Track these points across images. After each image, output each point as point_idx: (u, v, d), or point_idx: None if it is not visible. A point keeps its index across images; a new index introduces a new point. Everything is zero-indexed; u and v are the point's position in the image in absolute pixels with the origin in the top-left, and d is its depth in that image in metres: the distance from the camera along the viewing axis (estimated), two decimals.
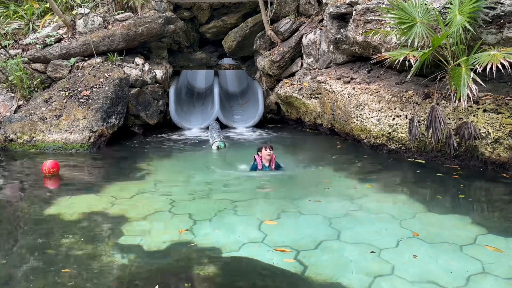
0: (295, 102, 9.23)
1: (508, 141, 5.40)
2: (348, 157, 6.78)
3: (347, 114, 7.45)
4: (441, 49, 5.66)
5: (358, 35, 7.32)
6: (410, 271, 3.15)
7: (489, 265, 3.22)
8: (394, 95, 6.65)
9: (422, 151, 6.30)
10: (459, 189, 5.03)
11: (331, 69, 8.72)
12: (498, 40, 5.53)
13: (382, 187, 5.21)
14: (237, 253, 3.46)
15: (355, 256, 3.40)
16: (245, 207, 4.54)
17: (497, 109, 5.49)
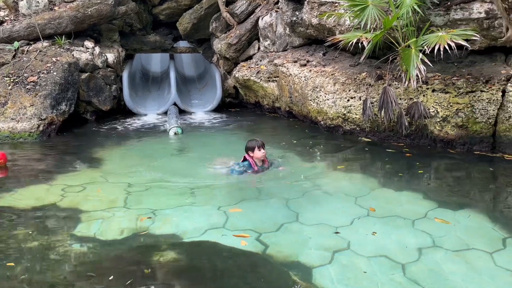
0: (253, 85, 9.21)
1: (455, 120, 5.67)
2: (306, 139, 6.88)
3: (304, 97, 7.53)
4: (393, 31, 5.81)
5: (313, 17, 7.37)
6: (366, 247, 3.26)
7: (439, 238, 3.40)
8: (349, 77, 6.78)
9: (376, 131, 6.50)
10: (411, 166, 5.26)
11: (288, 52, 8.74)
12: (446, 22, 5.75)
13: (338, 167, 5.34)
14: (198, 239, 3.45)
15: (314, 235, 3.48)
16: (205, 194, 4.52)
17: (445, 89, 5.75)
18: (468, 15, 5.56)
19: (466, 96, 5.58)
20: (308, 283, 2.81)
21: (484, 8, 5.47)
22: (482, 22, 5.52)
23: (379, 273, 2.91)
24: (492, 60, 5.92)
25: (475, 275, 2.88)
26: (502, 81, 5.47)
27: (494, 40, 5.66)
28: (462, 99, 5.59)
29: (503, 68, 5.69)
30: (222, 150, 6.50)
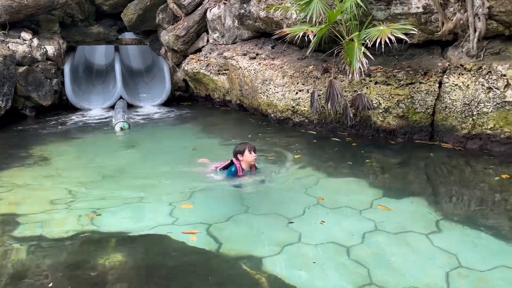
0: (203, 78, 9.11)
1: (396, 110, 5.94)
2: (257, 132, 6.92)
3: (254, 90, 7.56)
4: (337, 25, 5.95)
5: (260, 10, 7.39)
6: (316, 236, 3.35)
7: (381, 223, 3.56)
8: (297, 70, 6.89)
9: (323, 122, 6.67)
10: (356, 156, 5.45)
11: (237, 44, 8.71)
12: (387, 16, 5.98)
13: (287, 158, 5.43)
14: (147, 236, 3.38)
15: (265, 226, 3.52)
16: (154, 190, 4.43)
17: (387, 81, 5.99)
18: (407, 9, 5.82)
19: (406, 87, 5.85)
20: (258, 271, 2.85)
21: (422, 3, 5.74)
22: (420, 16, 5.79)
23: (326, 258, 3.01)
24: (429, 53, 6.23)
25: (415, 255, 3.04)
26: (439, 73, 5.78)
27: (431, 34, 5.96)
28: (402, 91, 5.86)
29: (439, 60, 6.01)
30: (172, 144, 6.40)
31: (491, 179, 4.51)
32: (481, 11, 5.28)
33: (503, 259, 2.94)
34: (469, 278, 2.75)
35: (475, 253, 3.05)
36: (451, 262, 2.94)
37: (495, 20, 5.35)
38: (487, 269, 2.83)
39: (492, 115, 5.26)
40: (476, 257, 2.99)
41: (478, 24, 5.38)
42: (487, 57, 5.53)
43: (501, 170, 4.68)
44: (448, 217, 3.64)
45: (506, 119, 5.17)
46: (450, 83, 5.60)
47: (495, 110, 5.23)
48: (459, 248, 3.10)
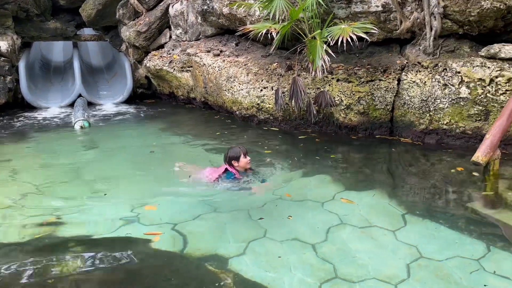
0: (166, 75, 8.95)
1: (357, 107, 6.08)
2: (222, 129, 6.89)
3: (219, 87, 7.52)
4: (300, 23, 6.01)
5: (224, 6, 7.34)
6: (282, 232, 3.38)
7: (345, 216, 3.63)
8: (261, 68, 6.91)
9: (288, 119, 6.73)
10: (320, 152, 5.54)
11: (200, 41, 8.62)
12: (347, 15, 6.10)
13: (254, 156, 5.44)
14: (109, 239, 3.30)
15: (232, 225, 3.51)
16: (116, 191, 4.32)
17: (348, 79, 6.12)
18: (367, 8, 5.95)
19: (367, 85, 6.00)
20: (223, 270, 2.85)
21: (381, 2, 5.89)
22: (380, 15, 5.95)
23: (291, 253, 3.04)
24: (388, 51, 6.42)
25: (378, 249, 3.13)
26: (398, 71, 5.97)
27: (390, 32, 6.14)
28: (363, 88, 6.01)
29: (398, 58, 6.20)
30: (134, 143, 6.26)
31: (448, 172, 4.71)
32: (437, 10, 5.49)
33: (458, 249, 3.08)
34: (428, 268, 2.86)
35: (433, 244, 3.18)
36: (412, 253, 3.05)
37: (450, 19, 5.58)
38: (444, 259, 2.96)
39: (448, 110, 5.49)
40: (434, 248, 3.12)
41: (434, 23, 5.59)
42: (443, 55, 5.77)
43: (457, 164, 4.89)
44: (409, 210, 3.77)
45: (461, 114, 5.41)
46: (408, 80, 5.79)
47: (450, 106, 5.46)
48: (419, 240, 3.22)
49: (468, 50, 5.70)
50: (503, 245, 3.15)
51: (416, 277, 2.77)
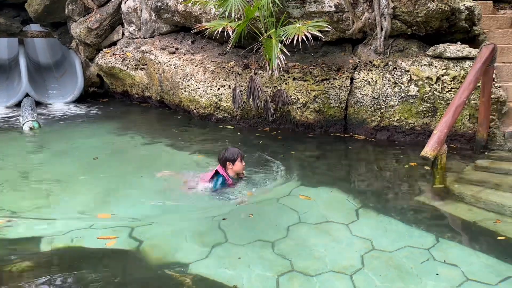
0: (119, 73, 8.70)
1: (313, 105, 6.19)
2: (178, 128, 6.79)
3: (175, 86, 7.40)
4: (256, 22, 6.04)
5: (178, 4, 7.23)
6: (242, 232, 3.38)
7: (303, 213, 3.69)
8: (218, 66, 6.87)
9: (246, 118, 6.75)
10: (277, 150, 5.58)
11: (155, 38, 8.44)
12: (302, 14, 6.19)
13: (210, 155, 5.41)
14: (61, 243, 3.16)
15: (191, 226, 3.47)
16: (66, 193, 4.14)
17: (304, 77, 6.22)
18: (321, 8, 6.07)
19: (322, 83, 6.13)
20: (182, 272, 2.81)
21: (334, 2, 6.03)
22: (333, 15, 6.09)
23: (251, 253, 3.06)
24: (342, 51, 6.59)
25: (335, 244, 3.22)
26: (350, 70, 6.14)
27: (343, 32, 6.30)
28: (318, 86, 6.13)
29: (351, 57, 6.38)
30: (86, 144, 6.03)
31: (400, 167, 4.91)
32: (387, 11, 5.70)
33: (408, 240, 3.22)
34: (381, 259, 2.98)
35: (386, 237, 3.30)
36: (366, 246, 3.15)
37: (399, 19, 5.81)
38: (395, 250, 3.09)
39: (398, 108, 5.72)
40: (387, 240, 3.25)
41: (384, 23, 5.81)
42: (393, 54, 6.00)
43: (408, 159, 5.11)
44: (363, 204, 3.89)
45: (410, 111, 5.66)
46: (361, 79, 5.98)
47: (400, 103, 5.70)
48: (373, 233, 3.34)
49: (416, 49, 5.97)
50: (451, 235, 3.33)
51: (370, 267, 2.87)
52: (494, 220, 3.50)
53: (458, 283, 2.66)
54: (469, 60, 5.35)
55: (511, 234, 3.25)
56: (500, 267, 2.83)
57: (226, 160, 4.16)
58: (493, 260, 2.91)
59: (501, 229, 3.33)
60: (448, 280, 2.69)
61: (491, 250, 3.04)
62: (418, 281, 2.71)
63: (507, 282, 2.66)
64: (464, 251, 3.07)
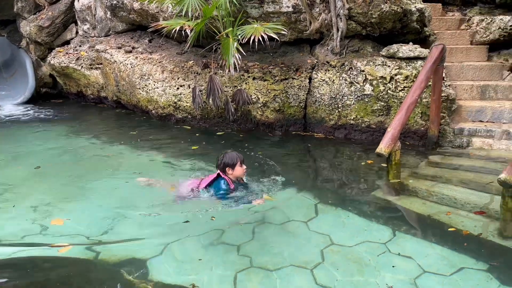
0: (73, 73, 8.38)
1: (273, 105, 6.24)
2: (138, 130, 6.62)
3: (132, 85, 7.22)
4: (214, 21, 6.00)
5: (134, 2, 7.07)
6: (203, 233, 3.34)
7: (267, 213, 3.70)
8: (176, 65, 6.77)
9: (206, 118, 6.69)
10: (242, 149, 5.55)
11: (110, 37, 8.21)
12: (260, 14, 6.22)
13: (169, 156, 5.32)
14: (12, 250, 3.00)
15: (150, 229, 3.40)
16: (18, 198, 3.93)
17: (263, 77, 6.25)
18: (279, 8, 6.13)
19: (281, 83, 6.19)
20: (141, 277, 2.74)
21: (291, 3, 6.10)
22: (290, 16, 6.16)
23: (215, 257, 3.03)
24: (300, 51, 6.68)
25: (294, 240, 3.25)
26: (309, 69, 6.24)
27: (301, 33, 6.39)
28: (277, 86, 6.18)
29: (309, 57, 6.48)
30: (39, 147, 5.76)
31: (357, 164, 5.04)
32: (342, 12, 5.84)
33: (366, 235, 3.30)
34: (340, 253, 3.03)
35: (344, 232, 3.37)
36: (325, 241, 3.21)
37: (354, 20, 5.96)
38: (354, 244, 3.16)
39: (354, 106, 5.87)
40: (345, 235, 3.32)
41: (340, 24, 5.94)
42: (349, 54, 6.15)
43: (364, 155, 5.25)
44: (322, 200, 3.95)
45: (366, 110, 5.82)
46: (318, 79, 6.08)
47: (356, 102, 5.85)
48: (332, 229, 3.40)
49: (370, 50, 6.16)
50: (407, 228, 3.44)
51: (330, 261, 2.92)
52: (446, 212, 3.66)
53: (416, 275, 2.75)
54: (420, 60, 5.58)
55: (460, 225, 3.41)
56: (453, 258, 2.94)
57: (225, 166, 3.92)
58: (447, 252, 3.03)
59: (453, 221, 3.49)
60: (406, 273, 2.77)
61: (444, 241, 3.16)
62: (377, 274, 2.78)
63: (459, 273, 2.77)
64: (420, 243, 3.17)
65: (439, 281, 2.68)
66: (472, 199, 3.87)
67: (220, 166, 3.94)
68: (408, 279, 2.71)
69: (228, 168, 3.92)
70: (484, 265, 2.83)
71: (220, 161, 3.95)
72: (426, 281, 2.68)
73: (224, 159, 3.92)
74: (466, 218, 3.54)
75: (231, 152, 3.99)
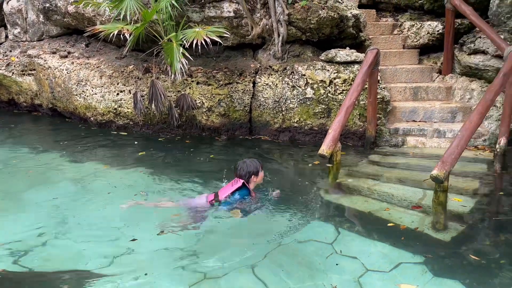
0: (3, 80, 7.83)
1: (218, 109, 6.22)
2: (75, 138, 6.31)
3: (69, 92, 6.89)
4: (154, 25, 5.88)
5: (69, 5, 6.75)
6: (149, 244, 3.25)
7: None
8: (116, 70, 6.55)
9: (150, 124, 6.53)
10: (187, 154, 5.49)
11: (44, 42, 7.78)
12: (202, 19, 6.18)
13: (113, 164, 5.13)
14: None
15: (90, 239, 3.26)
16: None
17: (207, 81, 6.22)
18: (220, 13, 6.12)
19: (225, 87, 6.19)
20: None
21: (232, 7, 6.12)
22: (232, 20, 6.18)
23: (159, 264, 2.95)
24: (243, 55, 6.72)
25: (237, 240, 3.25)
26: (252, 74, 6.29)
27: (243, 37, 6.42)
28: (222, 90, 6.18)
29: (252, 62, 6.54)
30: None
31: (301, 165, 5.16)
32: (282, 17, 5.95)
33: (311, 234, 3.38)
34: (286, 253, 3.08)
35: (289, 231, 3.43)
36: (271, 240, 3.25)
37: (294, 26, 6.10)
38: (299, 242, 3.22)
39: (297, 110, 6.00)
40: (291, 233, 3.38)
41: (281, 29, 6.06)
42: (290, 59, 6.28)
43: (308, 156, 5.38)
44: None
45: (308, 113, 5.97)
46: (262, 83, 6.16)
47: (299, 105, 5.99)
48: (279, 228, 3.45)
49: (310, 54, 6.33)
50: (349, 226, 3.57)
51: (274, 260, 2.97)
52: (385, 209, 3.83)
53: (359, 274, 2.83)
54: (357, 64, 5.82)
55: (398, 221, 3.59)
56: (393, 254, 3.08)
57: (251, 175, 3.87)
58: (388, 248, 3.16)
59: (392, 217, 3.66)
60: (351, 273, 2.84)
61: (385, 238, 3.30)
62: (324, 276, 2.81)
63: (398, 269, 2.90)
64: (363, 241, 3.28)
65: (379, 278, 2.79)
66: (408, 195, 4.10)
67: (245, 175, 3.86)
68: (352, 279, 2.78)
69: (254, 176, 3.89)
70: (420, 258, 2.99)
71: (244, 170, 3.87)
72: (369, 279, 2.77)
73: (248, 168, 3.87)
74: (404, 214, 3.74)
75: (251, 160, 3.96)
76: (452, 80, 6.31)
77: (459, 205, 3.86)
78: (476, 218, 3.69)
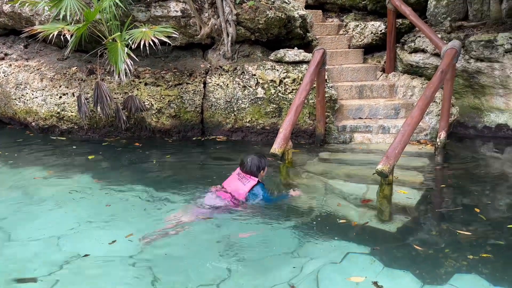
0: None
1: (168, 111, 6.10)
2: (13, 145, 5.94)
3: (7, 96, 6.48)
4: (98, 24, 5.66)
5: (4, 4, 6.34)
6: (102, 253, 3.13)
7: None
8: (58, 72, 6.24)
9: (96, 127, 6.28)
10: (139, 157, 5.33)
11: None
12: (148, 18, 6.03)
13: (60, 172, 4.88)
14: None
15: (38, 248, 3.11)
16: None
17: (156, 82, 6.08)
18: (167, 12, 6.01)
19: (175, 88, 6.08)
20: None
21: (179, 7, 6.03)
22: (180, 20, 6.08)
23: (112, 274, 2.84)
24: (193, 55, 6.64)
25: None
26: (203, 74, 6.23)
27: (192, 37, 6.35)
28: (172, 91, 6.06)
29: (202, 62, 6.47)
30: None
31: None
32: (231, 17, 5.95)
33: (263, 232, 3.41)
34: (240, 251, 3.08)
35: (241, 230, 3.43)
36: (229, 241, 3.23)
37: (243, 26, 6.12)
38: (251, 242, 3.23)
39: (249, 109, 6.02)
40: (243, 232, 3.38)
41: (230, 29, 6.04)
42: (240, 59, 6.29)
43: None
44: None
45: (259, 113, 6.01)
46: (213, 83, 6.11)
47: (250, 105, 6.01)
48: (233, 229, 3.43)
49: (260, 54, 6.37)
50: (303, 223, 3.61)
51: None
52: (337, 204, 3.93)
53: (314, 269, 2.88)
54: (305, 63, 5.94)
55: (349, 216, 3.70)
56: (342, 245, 3.17)
57: (260, 169, 3.94)
58: (339, 242, 3.24)
59: (343, 212, 3.75)
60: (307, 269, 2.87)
61: (336, 232, 3.37)
62: (277, 274, 2.83)
63: (347, 258, 3.00)
64: (316, 238, 3.34)
65: (333, 269, 2.85)
66: (356, 190, 4.24)
67: (255, 170, 3.91)
68: (308, 274, 2.82)
69: (262, 170, 3.98)
70: (368, 249, 3.10)
71: (255, 166, 3.91)
72: (325, 272, 2.82)
73: (258, 163, 3.94)
74: (353, 208, 3.86)
75: (256, 155, 4.01)
76: (395, 78, 6.61)
77: (405, 197, 4.04)
78: (421, 210, 3.88)
